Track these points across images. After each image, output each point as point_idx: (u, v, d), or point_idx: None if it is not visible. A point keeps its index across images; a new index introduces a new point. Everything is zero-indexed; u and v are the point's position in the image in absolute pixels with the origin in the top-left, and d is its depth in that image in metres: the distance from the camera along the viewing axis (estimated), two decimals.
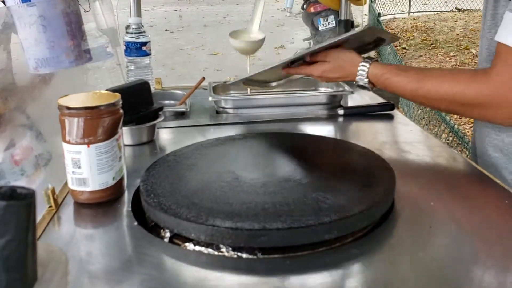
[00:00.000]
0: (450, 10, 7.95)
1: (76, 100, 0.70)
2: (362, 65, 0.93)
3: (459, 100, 0.81)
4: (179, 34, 7.65)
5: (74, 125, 0.68)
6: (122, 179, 0.74)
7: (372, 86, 0.94)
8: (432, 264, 0.56)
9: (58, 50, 0.82)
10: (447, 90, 0.82)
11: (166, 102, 1.28)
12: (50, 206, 0.71)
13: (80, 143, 0.68)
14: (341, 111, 1.15)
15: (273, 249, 0.58)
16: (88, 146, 0.68)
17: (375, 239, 0.62)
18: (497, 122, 0.83)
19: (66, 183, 0.74)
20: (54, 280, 0.37)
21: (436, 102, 0.86)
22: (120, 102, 0.72)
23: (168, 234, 0.63)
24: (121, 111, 0.72)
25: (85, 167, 0.69)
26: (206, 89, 1.30)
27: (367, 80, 0.93)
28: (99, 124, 0.68)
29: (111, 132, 0.70)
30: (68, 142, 0.68)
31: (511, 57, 0.75)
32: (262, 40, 1.25)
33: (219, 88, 1.31)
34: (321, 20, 1.79)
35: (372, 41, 1.03)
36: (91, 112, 0.68)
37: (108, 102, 0.69)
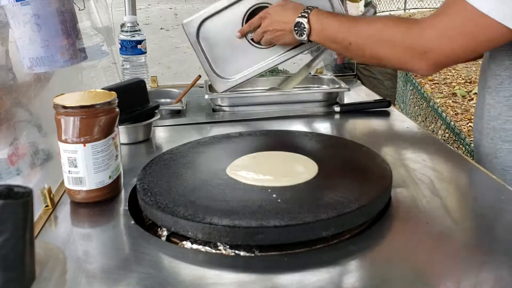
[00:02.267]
0: None
1: (72, 99, 0.69)
2: (303, 12, 0.97)
3: (384, 40, 0.83)
4: (175, 32, 7.62)
5: (70, 124, 0.67)
6: (118, 178, 0.74)
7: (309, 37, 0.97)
8: (429, 260, 0.56)
9: (53, 49, 0.81)
10: (375, 30, 0.86)
11: (162, 100, 1.28)
12: (47, 206, 0.70)
13: (76, 142, 0.68)
14: (337, 108, 1.15)
15: (270, 247, 0.58)
16: (84, 145, 0.68)
17: (372, 236, 0.62)
18: (415, 69, 0.82)
19: (62, 183, 0.74)
20: (52, 279, 0.37)
21: (363, 44, 0.88)
22: (116, 101, 0.72)
23: (165, 233, 0.63)
24: (117, 109, 0.72)
25: (81, 166, 0.69)
26: (202, 87, 1.29)
27: (307, 26, 0.96)
28: (95, 123, 0.68)
29: (107, 131, 0.70)
30: (64, 141, 0.68)
31: (456, 8, 0.75)
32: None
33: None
34: None
35: None
36: (87, 111, 0.67)
37: (104, 101, 0.69)
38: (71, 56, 0.84)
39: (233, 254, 0.59)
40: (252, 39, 1.14)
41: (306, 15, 0.96)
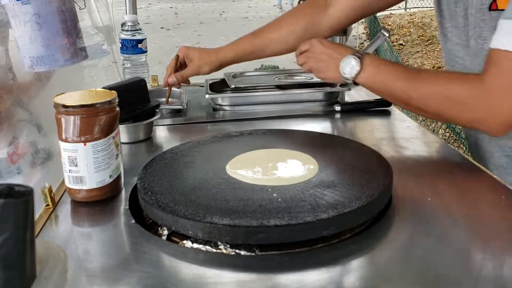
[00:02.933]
0: None
1: (72, 98, 0.69)
2: (357, 53, 0.89)
3: (451, 99, 0.78)
4: (175, 31, 7.63)
5: (71, 123, 0.67)
6: (119, 177, 0.74)
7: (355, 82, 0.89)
8: (429, 260, 0.56)
9: (54, 48, 0.81)
10: (439, 87, 0.79)
11: (163, 99, 1.28)
12: (47, 205, 0.70)
13: (77, 141, 0.68)
14: (338, 108, 1.15)
15: (271, 246, 0.58)
16: (85, 144, 0.68)
17: (373, 235, 0.62)
18: (486, 129, 0.78)
19: (63, 182, 0.74)
20: (53, 277, 0.37)
21: (426, 101, 0.81)
22: (117, 100, 0.72)
23: (165, 232, 0.63)
24: (118, 108, 0.72)
25: (82, 165, 0.69)
26: (202, 86, 1.29)
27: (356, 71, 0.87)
28: (96, 122, 0.68)
29: (108, 130, 0.70)
30: (65, 140, 0.68)
31: (505, 62, 0.73)
32: None
33: (216, 85, 1.31)
34: None
35: None
36: (87, 110, 0.67)
37: (104, 100, 0.69)
38: (71, 55, 0.84)
39: (233, 253, 0.59)
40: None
41: (360, 55, 0.88)
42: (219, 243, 0.59)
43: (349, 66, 0.88)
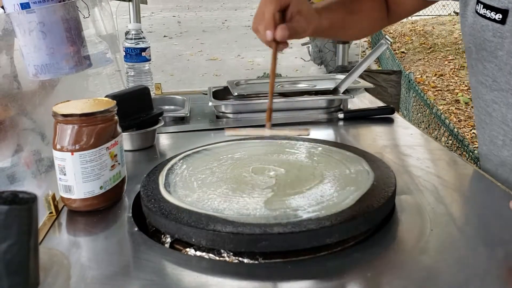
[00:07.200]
0: (448, 14, 7.97)
1: (71, 107, 0.69)
2: None
3: None
4: (178, 40, 7.66)
5: (62, 132, 0.67)
6: (117, 186, 0.73)
7: None
8: (433, 268, 0.56)
9: (58, 57, 0.82)
10: None
11: (166, 107, 1.28)
12: (51, 213, 0.70)
13: (65, 150, 0.67)
14: (341, 115, 1.15)
15: (274, 254, 0.58)
16: (72, 154, 0.67)
17: (377, 243, 0.61)
18: None
19: None
20: (56, 284, 0.37)
21: None
22: (111, 111, 0.71)
23: (169, 240, 0.63)
24: (116, 118, 0.71)
25: (69, 174, 0.68)
26: (206, 94, 1.30)
27: None
28: (84, 132, 0.67)
29: (98, 141, 0.68)
30: (55, 149, 0.68)
31: None
32: None
33: (219, 93, 1.32)
34: None
35: None
36: (82, 119, 0.67)
37: (95, 110, 0.68)
38: (76, 63, 0.84)
39: (236, 261, 0.58)
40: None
41: None
42: (222, 250, 0.59)
43: None
